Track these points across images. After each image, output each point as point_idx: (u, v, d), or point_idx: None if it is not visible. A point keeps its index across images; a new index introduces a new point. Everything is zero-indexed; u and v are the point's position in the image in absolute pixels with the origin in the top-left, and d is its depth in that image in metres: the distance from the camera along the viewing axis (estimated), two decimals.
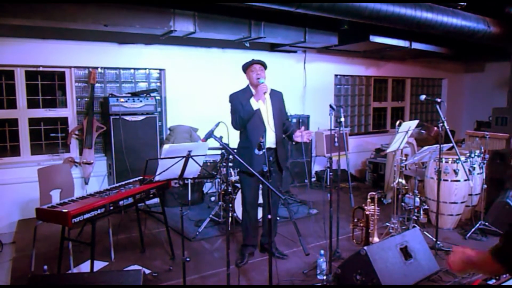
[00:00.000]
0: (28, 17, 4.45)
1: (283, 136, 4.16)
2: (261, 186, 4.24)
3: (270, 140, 3.93)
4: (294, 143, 4.13)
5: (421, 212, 4.94)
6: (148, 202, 4.54)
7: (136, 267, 3.94)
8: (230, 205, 4.81)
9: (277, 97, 4.03)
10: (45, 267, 3.20)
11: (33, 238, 3.94)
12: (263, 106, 3.89)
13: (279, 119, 4.03)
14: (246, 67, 4.01)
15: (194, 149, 3.16)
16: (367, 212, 4.27)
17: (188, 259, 3.14)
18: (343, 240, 4.49)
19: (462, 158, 4.78)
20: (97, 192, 3.72)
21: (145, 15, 4.97)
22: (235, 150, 4.20)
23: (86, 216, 3.22)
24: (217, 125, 3.17)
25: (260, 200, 4.41)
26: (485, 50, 7.89)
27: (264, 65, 4.00)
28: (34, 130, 5.68)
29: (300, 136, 3.93)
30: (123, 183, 4.11)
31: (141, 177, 4.07)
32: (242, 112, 3.84)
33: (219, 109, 4.75)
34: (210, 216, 5.08)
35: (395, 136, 4.54)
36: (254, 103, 3.83)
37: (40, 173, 4.14)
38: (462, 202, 4.97)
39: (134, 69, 6.25)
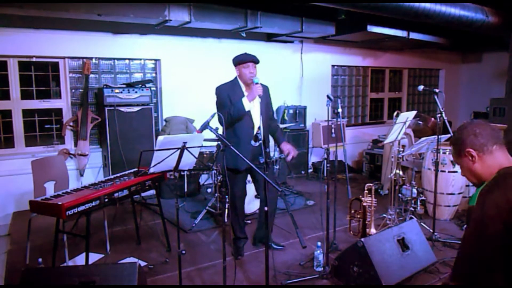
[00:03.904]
0: (21, 7, 4.37)
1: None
2: (250, 179, 4.17)
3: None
4: (280, 150, 4.10)
5: (418, 203, 4.94)
6: (144, 194, 4.51)
7: (131, 259, 3.91)
8: (227, 196, 4.78)
9: (264, 93, 3.83)
10: (40, 259, 3.18)
11: (27, 230, 3.92)
12: (253, 103, 3.77)
13: (266, 114, 3.93)
14: (239, 62, 3.83)
15: (189, 140, 3.12)
16: (364, 204, 4.25)
17: (183, 251, 3.11)
18: (340, 232, 4.48)
19: None
20: (91, 184, 3.68)
21: (140, 4, 4.90)
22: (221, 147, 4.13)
23: (81, 208, 3.18)
24: (212, 116, 3.13)
25: (255, 192, 4.37)
26: (483, 40, 7.85)
27: (257, 62, 3.83)
28: (28, 122, 5.62)
29: (287, 151, 3.93)
30: (118, 175, 4.07)
31: (136, 169, 4.04)
32: (232, 110, 3.71)
33: (215, 100, 4.70)
34: (207, 207, 5.06)
35: (393, 127, 4.51)
36: (247, 104, 3.71)
37: (34, 165, 4.09)
38: (459, 193, 4.96)
39: (129, 59, 6.18)
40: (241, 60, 3.81)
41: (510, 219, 1.61)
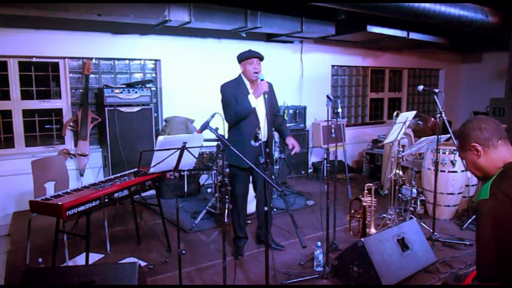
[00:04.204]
0: (21, 6, 4.38)
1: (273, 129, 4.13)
2: (251, 178, 4.19)
3: (263, 133, 3.87)
4: (285, 144, 4.14)
5: (418, 203, 4.94)
6: (144, 194, 4.51)
7: (131, 259, 3.92)
8: (227, 196, 4.78)
9: (269, 90, 3.92)
10: (40, 259, 3.18)
11: (27, 230, 3.92)
12: (257, 101, 3.81)
13: (271, 112, 3.95)
14: (242, 59, 3.87)
15: (189, 140, 3.12)
16: (364, 204, 4.25)
17: (183, 251, 3.12)
18: (340, 232, 4.49)
19: None
20: (91, 184, 3.69)
21: (140, 4, 4.90)
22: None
23: (81, 208, 3.18)
24: (212, 116, 3.13)
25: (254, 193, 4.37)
26: (483, 40, 7.85)
27: (261, 58, 3.87)
28: (28, 122, 5.62)
29: (291, 145, 3.96)
30: (118, 175, 4.07)
31: (136, 169, 4.04)
32: (238, 108, 3.74)
33: (215, 100, 4.69)
34: (207, 207, 5.06)
35: (393, 127, 4.52)
36: (253, 101, 3.74)
37: (34, 165, 4.10)
38: (459, 193, 4.96)
39: (129, 59, 6.18)
40: (246, 56, 3.84)
41: None
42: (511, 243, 1.67)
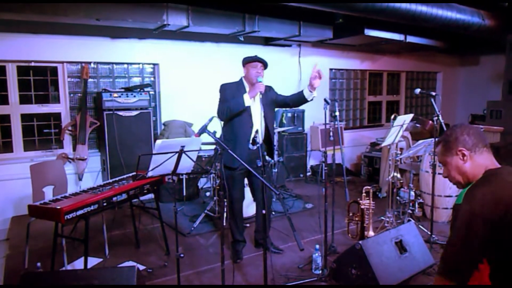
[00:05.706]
0: (19, 11, 4.40)
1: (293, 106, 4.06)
2: (247, 181, 4.20)
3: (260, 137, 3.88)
4: (310, 99, 3.83)
5: (416, 205, 4.95)
6: (142, 198, 4.51)
7: (130, 263, 3.91)
8: (225, 200, 4.79)
9: (268, 93, 3.94)
10: (39, 264, 3.17)
11: (26, 235, 3.92)
12: (253, 103, 3.84)
13: (270, 115, 4.00)
14: (248, 62, 3.93)
15: (187, 144, 3.14)
16: (362, 206, 4.26)
17: (182, 255, 3.13)
18: (338, 234, 4.50)
19: None
20: (90, 188, 3.69)
21: (138, 9, 4.93)
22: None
23: (79, 212, 3.18)
24: (210, 119, 3.14)
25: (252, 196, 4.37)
26: (480, 43, 7.89)
27: (265, 65, 3.93)
28: (27, 126, 5.63)
29: (314, 80, 3.67)
30: (116, 179, 4.07)
31: (134, 173, 4.05)
32: (232, 103, 3.78)
33: (213, 104, 4.71)
34: (205, 211, 5.06)
35: (390, 130, 4.53)
36: (247, 100, 3.77)
37: (32, 169, 4.10)
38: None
39: (128, 63, 6.19)
40: (251, 60, 3.92)
41: (496, 214, 1.70)
42: (476, 247, 1.74)
